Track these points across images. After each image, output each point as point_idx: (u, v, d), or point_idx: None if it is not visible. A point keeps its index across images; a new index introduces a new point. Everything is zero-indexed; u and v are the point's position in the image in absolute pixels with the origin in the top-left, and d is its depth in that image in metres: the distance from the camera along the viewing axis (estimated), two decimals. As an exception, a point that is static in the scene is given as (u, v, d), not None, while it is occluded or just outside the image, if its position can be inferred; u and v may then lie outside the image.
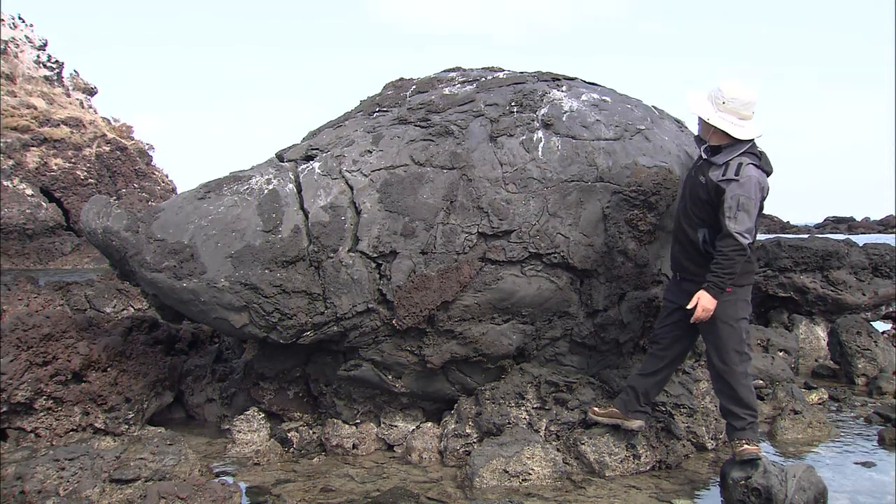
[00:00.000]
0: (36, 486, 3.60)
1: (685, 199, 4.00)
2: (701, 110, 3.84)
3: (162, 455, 3.93)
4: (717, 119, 3.80)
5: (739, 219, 3.68)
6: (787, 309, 8.49)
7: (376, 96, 5.31)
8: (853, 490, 4.05)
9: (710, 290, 3.76)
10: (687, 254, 4.00)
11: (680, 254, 4.06)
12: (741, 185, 3.70)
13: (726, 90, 3.80)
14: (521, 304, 4.40)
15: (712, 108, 3.82)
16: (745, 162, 3.74)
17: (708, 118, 3.82)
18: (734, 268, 3.73)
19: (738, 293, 3.88)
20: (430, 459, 4.50)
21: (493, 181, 4.43)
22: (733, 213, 3.69)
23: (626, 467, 4.25)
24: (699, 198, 3.86)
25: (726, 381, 3.94)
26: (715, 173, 3.80)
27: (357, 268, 4.30)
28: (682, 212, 4.01)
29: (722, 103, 3.79)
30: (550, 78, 5.16)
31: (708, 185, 3.81)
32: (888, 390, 6.33)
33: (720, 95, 3.80)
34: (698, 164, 3.96)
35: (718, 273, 3.73)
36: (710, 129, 3.88)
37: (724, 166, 3.78)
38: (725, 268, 3.71)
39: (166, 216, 4.47)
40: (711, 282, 3.75)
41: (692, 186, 3.93)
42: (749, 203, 3.69)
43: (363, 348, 4.48)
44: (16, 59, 26.33)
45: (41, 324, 4.75)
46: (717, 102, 3.81)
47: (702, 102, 3.86)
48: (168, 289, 4.34)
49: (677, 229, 4.08)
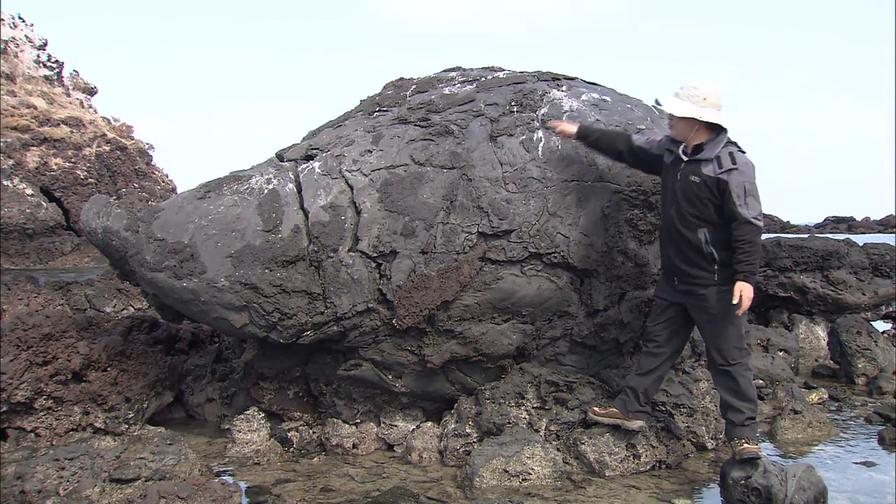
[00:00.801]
0: (36, 486, 3.60)
1: (677, 203, 3.95)
2: (689, 112, 3.85)
3: (162, 455, 3.93)
4: (707, 115, 3.83)
5: (750, 204, 3.75)
6: (787, 309, 8.50)
7: (376, 96, 5.31)
8: (853, 490, 4.05)
9: (747, 280, 3.76)
10: (685, 257, 3.97)
11: (677, 258, 4.01)
12: (741, 173, 3.76)
13: (702, 87, 3.87)
14: (521, 304, 4.40)
15: (695, 107, 3.85)
16: (734, 150, 3.83)
17: (700, 116, 3.84)
18: (759, 251, 3.79)
19: None
20: (430, 459, 4.50)
21: (493, 181, 4.43)
22: (742, 200, 3.73)
23: (626, 467, 4.25)
24: (695, 197, 3.86)
25: (728, 374, 3.97)
26: (708, 169, 3.82)
27: (357, 267, 4.30)
28: (675, 216, 3.95)
29: (703, 99, 3.85)
30: (550, 78, 5.16)
31: (705, 182, 3.82)
32: (888, 390, 6.33)
33: (698, 94, 3.85)
34: (682, 166, 3.94)
35: (748, 260, 3.75)
36: (692, 128, 3.89)
37: (715, 160, 3.81)
38: (752, 254, 3.75)
39: (166, 216, 4.47)
40: (745, 271, 3.76)
41: (683, 188, 3.91)
42: (753, 188, 3.77)
43: (363, 348, 4.48)
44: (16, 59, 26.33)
45: (41, 323, 4.75)
46: (698, 100, 3.85)
47: (684, 105, 3.87)
48: (168, 288, 4.34)
49: (671, 235, 4.02)
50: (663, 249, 4.17)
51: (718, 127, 3.87)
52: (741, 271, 3.77)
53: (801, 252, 8.29)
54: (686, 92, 3.88)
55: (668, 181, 4.06)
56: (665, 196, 4.08)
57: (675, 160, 3.99)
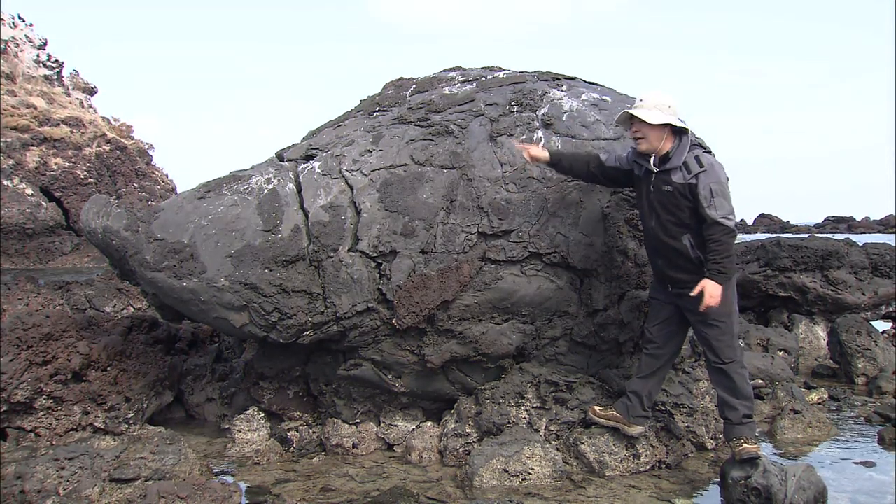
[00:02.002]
0: (36, 486, 3.60)
1: (656, 213, 3.97)
2: (664, 119, 3.88)
3: (162, 454, 3.93)
4: (678, 121, 3.89)
5: (719, 204, 3.78)
6: (786, 308, 8.50)
7: (376, 96, 5.31)
8: (853, 490, 4.05)
9: (714, 278, 3.78)
10: (673, 265, 4.00)
11: (666, 267, 4.04)
12: (708, 174, 3.81)
13: (663, 97, 3.93)
14: (520, 304, 4.40)
15: (664, 115, 3.88)
16: (699, 153, 3.88)
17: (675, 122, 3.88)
18: (730, 251, 3.81)
19: (725, 287, 3.91)
20: (430, 459, 4.50)
21: (493, 181, 4.43)
22: (709, 201, 3.78)
23: (625, 467, 4.25)
24: (672, 205, 3.90)
25: (723, 372, 3.99)
26: (678, 176, 3.87)
27: (357, 267, 4.30)
28: (657, 227, 3.98)
29: (668, 107, 3.90)
30: (550, 77, 5.16)
31: (678, 190, 3.86)
32: (888, 390, 6.33)
33: (661, 103, 3.90)
34: (654, 177, 3.96)
35: (717, 260, 3.78)
36: (661, 137, 3.91)
37: (683, 167, 3.86)
38: (722, 253, 3.78)
39: (166, 216, 4.47)
40: (713, 270, 3.79)
41: (659, 199, 3.94)
42: (721, 187, 3.80)
43: (363, 348, 4.48)
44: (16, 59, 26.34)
45: (41, 323, 4.75)
46: (664, 108, 3.89)
47: (656, 114, 3.89)
48: (168, 288, 4.34)
49: (657, 245, 4.05)
50: (652, 259, 4.19)
51: (680, 133, 3.93)
52: (710, 269, 3.80)
53: (800, 252, 8.29)
54: (649, 102, 3.92)
55: (642, 194, 4.09)
56: (642, 209, 4.12)
57: (646, 173, 4.02)
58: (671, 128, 3.91)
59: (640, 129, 3.94)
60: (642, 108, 3.91)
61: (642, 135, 3.95)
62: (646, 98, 3.95)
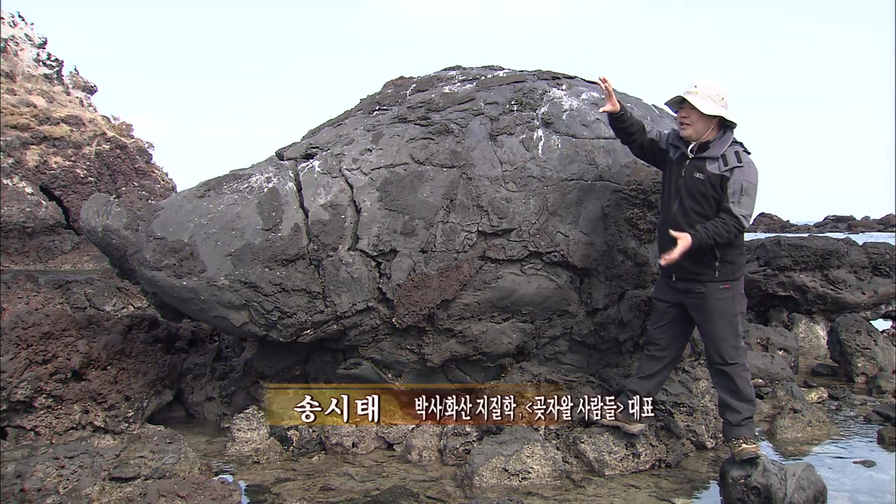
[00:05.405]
0: (35, 485, 3.60)
1: (680, 199, 3.94)
2: (717, 111, 3.84)
3: (161, 453, 3.93)
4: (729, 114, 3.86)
5: (743, 203, 3.79)
6: (786, 308, 8.49)
7: (376, 95, 5.30)
8: (853, 489, 4.05)
9: (693, 238, 3.76)
10: (687, 253, 3.96)
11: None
12: (743, 171, 3.80)
13: (718, 86, 3.88)
14: (520, 303, 4.40)
15: (716, 105, 3.85)
16: (739, 150, 3.86)
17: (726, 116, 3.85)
18: (724, 238, 3.79)
19: (734, 287, 3.91)
20: (430, 458, 4.50)
21: (493, 180, 4.43)
22: (737, 197, 3.78)
23: (625, 466, 4.25)
24: (699, 194, 3.86)
25: (726, 374, 3.96)
26: (713, 166, 3.84)
27: (357, 266, 4.30)
28: (678, 213, 3.94)
29: (721, 98, 3.87)
30: (550, 76, 5.15)
31: (709, 180, 3.83)
32: (888, 389, 6.33)
33: (715, 94, 3.86)
34: (688, 163, 3.93)
35: (710, 232, 3.77)
36: (708, 127, 3.88)
37: (721, 158, 3.83)
38: (718, 233, 3.77)
39: (166, 214, 4.47)
40: (700, 232, 3.77)
41: (687, 185, 3.91)
42: (751, 188, 3.80)
43: (363, 347, 4.48)
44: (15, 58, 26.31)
45: (41, 322, 4.74)
46: (717, 99, 3.86)
47: (709, 104, 3.85)
48: (168, 287, 4.34)
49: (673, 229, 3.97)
50: (663, 245, 4.14)
51: (726, 126, 3.89)
52: (698, 231, 3.77)
53: (800, 251, 8.29)
54: (704, 90, 3.86)
55: (671, 177, 4.05)
56: (667, 192, 4.07)
57: (681, 157, 3.98)
58: (719, 120, 3.88)
59: (689, 114, 3.90)
60: (696, 96, 3.86)
61: (690, 121, 3.91)
62: (700, 85, 3.88)
